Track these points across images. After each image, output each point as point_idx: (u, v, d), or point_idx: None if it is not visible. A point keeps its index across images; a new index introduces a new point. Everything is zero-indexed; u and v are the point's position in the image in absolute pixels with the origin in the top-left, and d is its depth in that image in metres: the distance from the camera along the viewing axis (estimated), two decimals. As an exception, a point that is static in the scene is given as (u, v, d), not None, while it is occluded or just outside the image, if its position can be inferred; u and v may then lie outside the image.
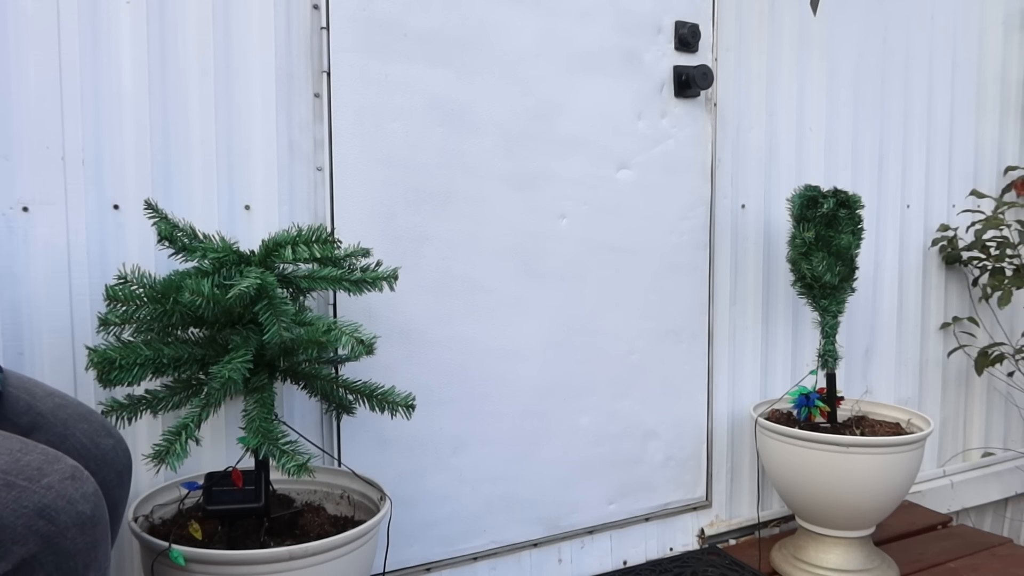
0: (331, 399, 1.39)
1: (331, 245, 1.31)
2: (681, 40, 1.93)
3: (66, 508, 0.79)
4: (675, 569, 1.93)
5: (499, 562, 1.81)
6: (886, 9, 2.30)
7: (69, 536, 0.79)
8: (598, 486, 1.92)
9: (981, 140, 2.55)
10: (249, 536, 1.27)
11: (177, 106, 1.42)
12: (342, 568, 1.21)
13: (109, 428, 1.13)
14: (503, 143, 1.73)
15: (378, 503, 1.37)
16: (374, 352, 1.32)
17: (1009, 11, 2.57)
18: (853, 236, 1.88)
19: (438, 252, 1.68)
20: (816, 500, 1.84)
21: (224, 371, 1.14)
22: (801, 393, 1.96)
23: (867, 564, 1.87)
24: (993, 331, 2.58)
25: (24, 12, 1.28)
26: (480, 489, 1.76)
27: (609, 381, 1.92)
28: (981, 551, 2.08)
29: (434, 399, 1.69)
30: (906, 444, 1.78)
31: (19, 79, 1.28)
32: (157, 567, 1.16)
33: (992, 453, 2.66)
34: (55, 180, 1.32)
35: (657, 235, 1.95)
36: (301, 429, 1.54)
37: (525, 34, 1.74)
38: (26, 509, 0.77)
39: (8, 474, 0.78)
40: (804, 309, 2.17)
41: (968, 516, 2.60)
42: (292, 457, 1.16)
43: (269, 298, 1.18)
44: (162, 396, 1.26)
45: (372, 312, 1.61)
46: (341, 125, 1.55)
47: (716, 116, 2.01)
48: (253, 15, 1.47)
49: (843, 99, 2.24)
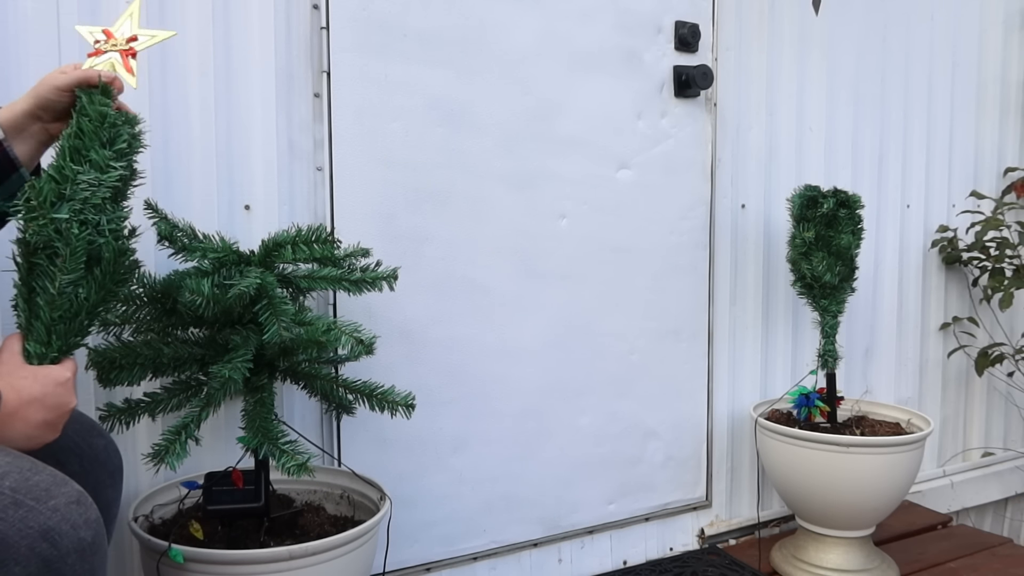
0: (331, 399, 1.39)
1: (331, 245, 1.31)
2: (681, 40, 1.93)
3: (69, 533, 0.79)
4: (675, 569, 1.93)
5: (499, 562, 1.81)
6: (886, 9, 2.30)
7: (69, 562, 0.79)
8: (598, 486, 1.92)
9: (981, 140, 2.55)
10: (249, 536, 1.27)
11: (177, 106, 1.42)
12: (342, 568, 1.21)
13: (100, 429, 1.13)
14: (503, 143, 1.73)
15: (378, 503, 1.37)
16: (374, 352, 1.31)
17: (1009, 11, 2.57)
18: (853, 236, 1.88)
19: (438, 252, 1.68)
20: (816, 500, 1.84)
21: (224, 371, 1.14)
22: (801, 393, 1.96)
23: (867, 564, 1.87)
24: (993, 331, 2.58)
25: (24, 12, 1.28)
26: (480, 489, 1.76)
27: (609, 381, 1.92)
28: (981, 551, 2.08)
29: (434, 399, 1.69)
30: (906, 444, 1.78)
31: (19, 79, 1.28)
32: (161, 568, 1.16)
33: (992, 453, 2.66)
34: (55, 180, 1.31)
35: (657, 235, 1.95)
36: (301, 429, 1.54)
37: (525, 34, 1.74)
38: (31, 530, 0.77)
39: (17, 492, 0.78)
40: (804, 309, 2.17)
41: (968, 516, 2.60)
42: (292, 457, 1.16)
43: (269, 298, 1.18)
44: (160, 399, 1.25)
45: (372, 312, 1.61)
46: (341, 125, 1.55)
47: (716, 116, 2.01)
48: (253, 15, 1.47)
49: (843, 99, 2.24)
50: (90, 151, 0.94)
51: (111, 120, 0.97)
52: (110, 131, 0.97)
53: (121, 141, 0.97)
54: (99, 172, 0.94)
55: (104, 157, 0.94)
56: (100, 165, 0.94)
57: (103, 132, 0.96)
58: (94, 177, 0.93)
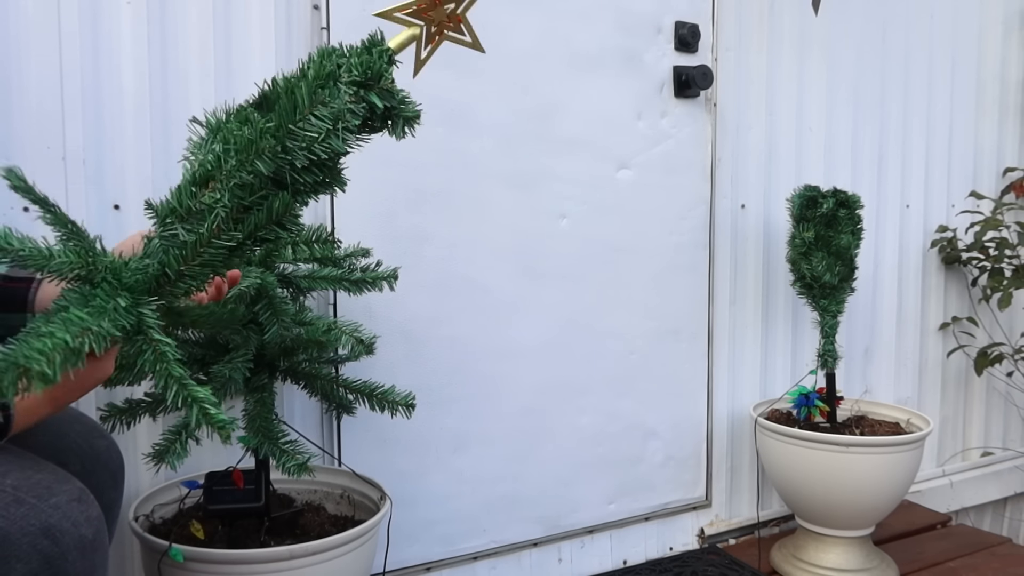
0: (331, 399, 1.39)
1: (331, 245, 1.31)
2: (681, 40, 1.93)
3: (70, 530, 0.79)
4: (675, 569, 1.93)
5: (499, 562, 1.81)
6: (885, 9, 2.30)
7: (70, 559, 0.79)
8: (598, 486, 1.93)
9: (980, 140, 2.55)
10: (249, 535, 1.27)
11: (177, 106, 1.42)
12: (342, 567, 1.21)
13: (101, 430, 1.14)
14: (503, 143, 1.73)
15: (378, 503, 1.37)
16: (374, 352, 1.32)
17: (1009, 11, 2.57)
18: (853, 236, 1.88)
19: (438, 252, 1.68)
20: (816, 500, 1.84)
21: (225, 371, 1.14)
22: (801, 393, 1.96)
23: (867, 563, 1.87)
24: (992, 331, 2.58)
25: (25, 12, 1.28)
26: (480, 488, 1.76)
27: (609, 381, 1.92)
28: (980, 550, 2.08)
29: (434, 399, 1.69)
30: (905, 444, 1.78)
31: (20, 79, 1.28)
32: (162, 567, 1.16)
33: (991, 453, 2.66)
34: (55, 180, 1.32)
35: (657, 235, 1.95)
36: (301, 429, 1.54)
37: (525, 34, 1.74)
38: (32, 527, 0.77)
39: (19, 490, 0.78)
40: (804, 309, 2.17)
41: (967, 515, 2.60)
42: (292, 456, 1.16)
43: (269, 298, 1.18)
44: (161, 399, 1.25)
45: (372, 312, 1.61)
46: (341, 125, 1.55)
47: (716, 116, 2.01)
48: (253, 15, 1.48)
49: (843, 99, 2.24)
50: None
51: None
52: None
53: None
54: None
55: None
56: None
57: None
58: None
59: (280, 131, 0.74)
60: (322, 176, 0.81)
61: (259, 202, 0.77)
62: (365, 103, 0.79)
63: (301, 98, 0.74)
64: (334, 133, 0.75)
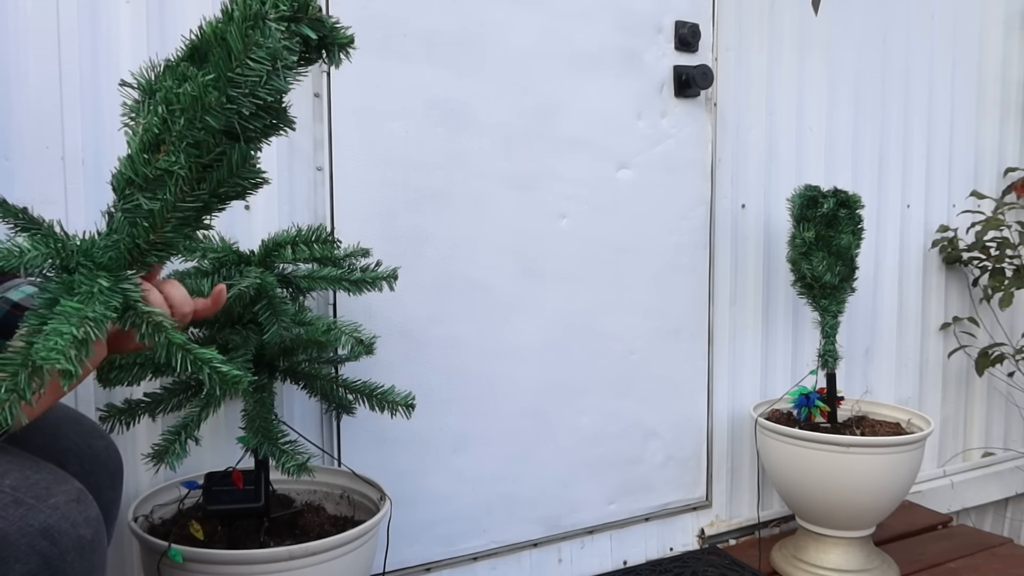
0: (331, 399, 1.39)
1: (331, 245, 1.31)
2: (681, 40, 1.93)
3: (69, 531, 0.79)
4: (675, 569, 1.93)
5: (499, 562, 1.81)
6: (886, 8, 2.30)
7: (68, 559, 0.79)
8: (598, 486, 1.92)
9: (981, 140, 2.55)
10: (249, 536, 1.27)
11: (177, 106, 1.41)
12: (342, 568, 1.21)
13: (100, 430, 1.13)
14: (503, 143, 1.73)
15: (378, 503, 1.37)
16: (374, 352, 1.31)
17: (1009, 11, 2.56)
18: (853, 236, 1.88)
19: (438, 252, 1.68)
20: (816, 500, 1.84)
21: (224, 371, 1.13)
22: (801, 393, 1.96)
23: (867, 564, 1.87)
24: (993, 331, 2.58)
25: (24, 12, 1.28)
26: (480, 489, 1.76)
27: (609, 381, 1.92)
28: (981, 551, 2.08)
29: (434, 399, 1.69)
30: (906, 444, 1.78)
31: (19, 79, 1.28)
32: (161, 568, 1.16)
33: (992, 453, 2.66)
34: (55, 180, 1.31)
35: (657, 235, 1.95)
36: (301, 429, 1.54)
37: (525, 34, 1.74)
38: (31, 528, 0.77)
39: (17, 491, 0.78)
40: (804, 309, 2.17)
41: (968, 516, 2.60)
42: (292, 457, 1.16)
43: (269, 298, 1.18)
44: (160, 399, 1.25)
45: (372, 312, 1.60)
46: (341, 125, 1.55)
47: (716, 116, 2.01)
48: (253, 15, 1.47)
49: (843, 99, 2.24)
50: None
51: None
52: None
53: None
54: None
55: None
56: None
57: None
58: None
59: (221, 82, 0.73)
60: (269, 119, 0.80)
61: (218, 158, 0.77)
62: (298, 36, 0.78)
63: (235, 43, 0.73)
64: (275, 73, 0.75)
